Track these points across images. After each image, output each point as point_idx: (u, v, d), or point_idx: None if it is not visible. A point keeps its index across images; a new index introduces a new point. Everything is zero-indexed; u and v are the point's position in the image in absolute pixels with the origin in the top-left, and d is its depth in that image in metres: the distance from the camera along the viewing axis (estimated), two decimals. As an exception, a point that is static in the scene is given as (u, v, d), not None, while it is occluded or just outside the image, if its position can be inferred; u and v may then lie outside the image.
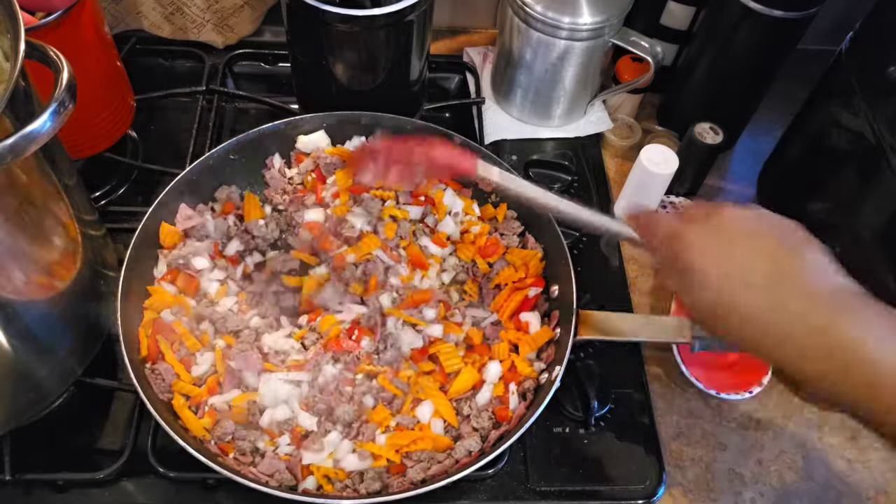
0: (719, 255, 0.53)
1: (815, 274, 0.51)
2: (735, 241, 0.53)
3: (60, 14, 0.75)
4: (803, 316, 0.49)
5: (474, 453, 0.72)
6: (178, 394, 0.73)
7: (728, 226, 0.54)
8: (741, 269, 0.52)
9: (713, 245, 0.53)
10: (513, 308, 0.82)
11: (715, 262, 0.53)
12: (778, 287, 0.50)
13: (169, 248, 0.83)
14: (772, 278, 0.51)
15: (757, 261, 0.52)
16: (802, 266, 0.51)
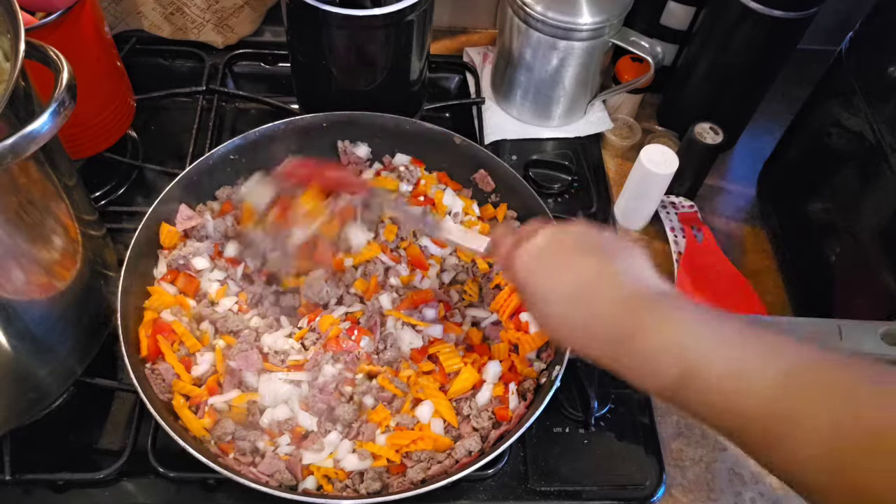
0: (542, 272, 0.58)
1: (620, 282, 0.56)
2: (548, 259, 0.59)
3: (60, 14, 0.75)
4: (610, 318, 0.54)
5: (474, 453, 0.72)
6: (177, 394, 0.73)
7: (544, 245, 0.59)
8: (553, 287, 0.57)
9: (536, 263, 0.59)
10: (513, 308, 0.82)
11: (539, 278, 0.58)
12: (587, 299, 0.55)
13: (169, 249, 0.83)
14: (581, 292, 0.56)
15: (567, 274, 0.57)
16: (609, 275, 0.56)
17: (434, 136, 0.91)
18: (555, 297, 0.57)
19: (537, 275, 0.58)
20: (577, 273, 0.57)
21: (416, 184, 0.91)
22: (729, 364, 0.49)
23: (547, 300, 0.57)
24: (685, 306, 0.53)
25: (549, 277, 0.58)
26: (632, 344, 0.53)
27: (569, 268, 0.58)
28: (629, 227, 0.98)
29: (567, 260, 0.58)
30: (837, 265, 0.83)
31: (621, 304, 0.54)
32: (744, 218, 1.01)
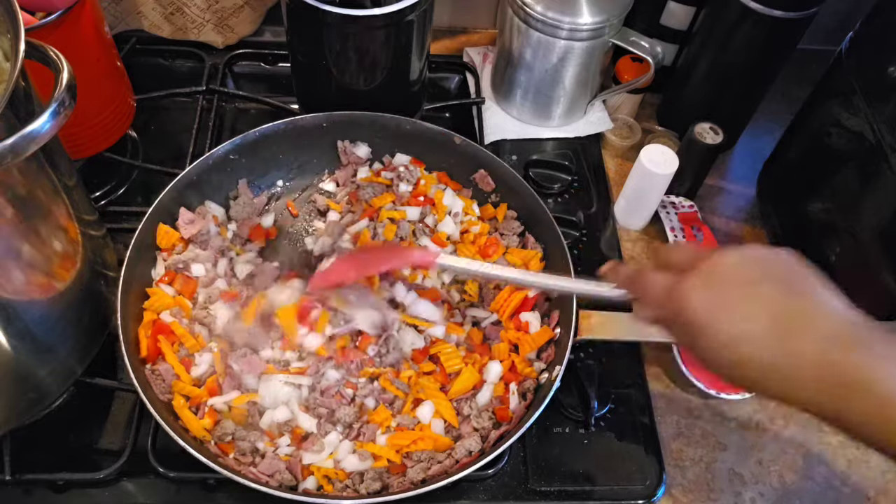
0: (721, 308, 0.50)
1: (824, 315, 0.49)
2: (735, 291, 0.50)
3: (60, 14, 0.75)
4: (817, 359, 0.47)
5: (474, 453, 0.72)
6: (178, 394, 0.73)
7: (724, 275, 0.51)
8: (746, 320, 0.49)
9: (712, 298, 0.50)
10: (513, 308, 0.82)
11: (717, 315, 0.50)
12: (787, 334, 0.48)
13: (166, 250, 0.83)
14: (779, 325, 0.48)
15: (761, 309, 0.49)
16: (810, 308, 0.49)
17: (434, 136, 0.91)
18: (750, 337, 0.48)
19: (723, 308, 0.50)
20: (770, 304, 0.49)
21: (415, 184, 0.91)
22: None
23: (737, 341, 0.49)
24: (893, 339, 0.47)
25: (736, 314, 0.49)
26: (857, 391, 0.45)
27: (757, 300, 0.49)
28: (629, 227, 0.98)
29: (751, 290, 0.50)
30: (837, 265, 0.83)
31: (830, 342, 0.47)
32: (744, 218, 1.01)
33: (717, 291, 0.50)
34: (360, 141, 0.94)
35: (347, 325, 0.79)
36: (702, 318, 0.50)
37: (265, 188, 0.93)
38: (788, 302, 0.49)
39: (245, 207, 0.89)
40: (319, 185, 0.94)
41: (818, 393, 0.47)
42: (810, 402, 0.48)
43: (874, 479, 0.80)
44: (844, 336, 0.47)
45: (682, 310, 0.51)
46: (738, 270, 0.51)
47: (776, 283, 0.50)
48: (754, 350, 0.49)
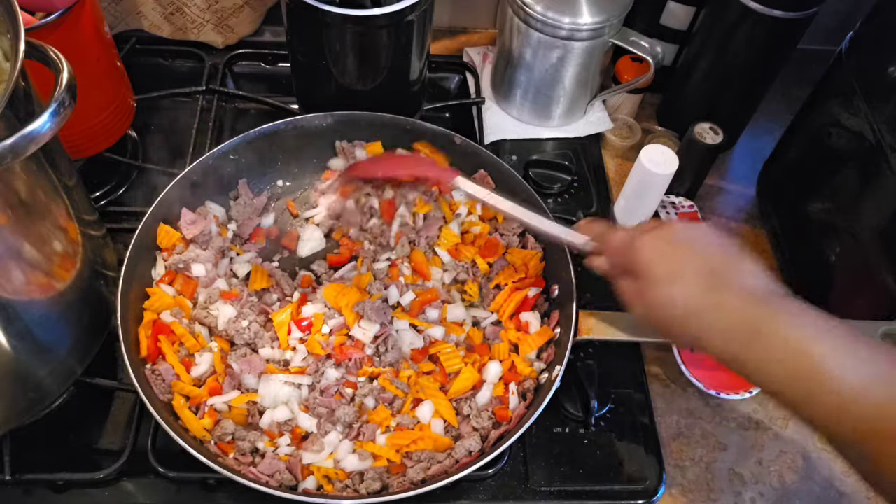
0: (666, 256, 0.59)
1: (750, 278, 0.57)
2: (680, 246, 0.60)
3: (60, 14, 0.75)
4: (740, 312, 0.55)
5: (474, 453, 0.72)
6: (178, 394, 0.73)
7: (675, 233, 0.61)
8: (685, 269, 0.58)
9: (661, 248, 0.60)
10: (513, 308, 0.82)
11: (662, 262, 0.59)
12: (718, 286, 0.57)
13: (167, 250, 0.83)
14: (712, 278, 0.57)
15: (699, 262, 0.58)
16: (739, 270, 0.58)
17: (434, 136, 0.91)
18: (686, 276, 0.58)
19: (668, 256, 0.59)
20: (706, 261, 0.58)
21: None
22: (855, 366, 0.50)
23: (674, 278, 0.58)
24: (807, 307, 0.55)
25: (680, 259, 0.59)
26: (759, 340, 0.54)
27: (701, 254, 0.59)
28: (629, 227, 0.98)
29: (699, 247, 0.60)
30: (837, 265, 0.83)
31: (752, 298, 0.55)
32: (744, 218, 1.01)
33: (665, 244, 0.60)
34: (360, 141, 0.94)
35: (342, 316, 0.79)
36: (648, 261, 0.60)
37: (265, 188, 0.93)
38: (720, 261, 0.58)
39: (245, 207, 0.89)
40: (316, 183, 0.94)
41: (729, 338, 0.55)
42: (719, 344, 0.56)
43: (874, 479, 0.80)
44: (762, 295, 0.56)
45: (635, 256, 0.61)
46: (685, 233, 0.62)
47: (714, 247, 0.60)
48: (683, 290, 0.58)
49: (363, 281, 0.83)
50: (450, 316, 0.82)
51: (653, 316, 0.60)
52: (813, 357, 0.51)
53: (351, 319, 0.79)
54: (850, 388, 0.49)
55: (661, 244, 0.60)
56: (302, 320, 0.79)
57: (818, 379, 0.51)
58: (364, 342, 0.78)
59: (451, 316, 0.82)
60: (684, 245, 0.60)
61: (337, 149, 0.93)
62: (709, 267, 0.58)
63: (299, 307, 0.80)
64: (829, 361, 0.51)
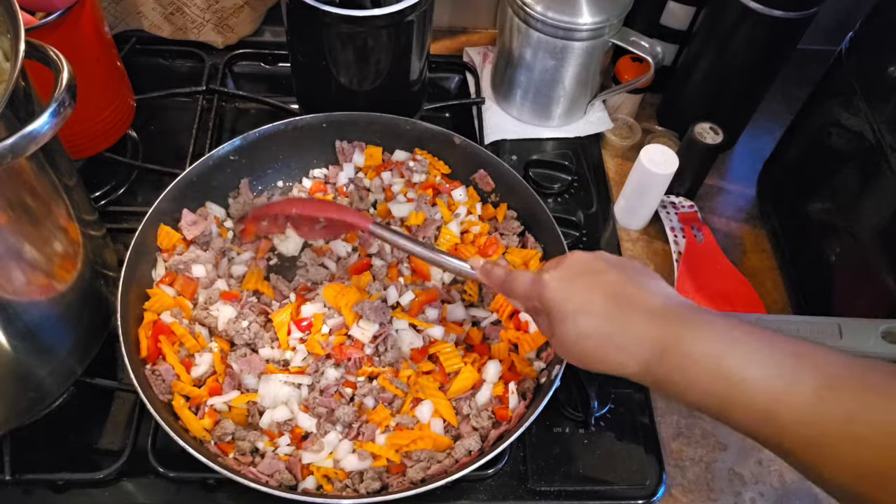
0: (570, 291, 0.60)
1: (653, 296, 0.58)
2: (581, 278, 0.60)
3: (60, 14, 0.75)
4: (647, 332, 0.56)
5: (474, 453, 0.72)
6: (178, 394, 0.73)
7: (574, 266, 0.61)
8: (589, 300, 0.58)
9: (563, 284, 0.60)
10: (512, 308, 0.82)
11: (567, 296, 0.59)
12: (623, 309, 0.57)
13: (167, 251, 0.83)
14: (616, 303, 0.57)
15: (601, 290, 0.59)
16: (642, 290, 0.58)
17: (434, 136, 0.91)
18: (590, 311, 0.58)
19: (571, 290, 0.59)
20: (608, 288, 0.58)
21: (428, 173, 0.92)
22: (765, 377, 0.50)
23: (579, 315, 0.58)
24: (715, 318, 0.55)
25: (583, 290, 0.59)
26: (668, 357, 0.54)
27: (599, 284, 0.59)
28: (629, 227, 0.98)
29: (595, 278, 0.60)
30: (837, 265, 0.83)
31: (654, 317, 0.56)
32: (744, 218, 1.01)
33: (566, 279, 0.61)
34: (360, 141, 0.94)
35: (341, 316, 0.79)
36: (556, 298, 0.60)
37: (265, 188, 0.93)
38: (623, 286, 0.59)
39: (244, 206, 0.89)
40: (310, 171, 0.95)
41: (642, 360, 0.56)
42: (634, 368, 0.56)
43: (874, 479, 0.80)
44: (665, 312, 0.56)
45: (541, 294, 0.61)
46: (587, 264, 0.62)
47: (616, 274, 0.60)
48: (592, 322, 0.58)
49: (362, 281, 0.83)
50: (449, 316, 0.82)
51: (570, 351, 0.60)
52: (722, 369, 0.51)
53: (350, 319, 0.79)
54: (766, 397, 0.49)
55: (563, 280, 0.60)
56: (301, 320, 0.79)
57: (732, 392, 0.51)
58: (363, 342, 0.78)
59: (450, 316, 0.82)
60: (585, 276, 0.60)
61: (337, 149, 0.94)
62: (612, 292, 0.58)
63: (298, 307, 0.80)
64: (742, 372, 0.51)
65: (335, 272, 0.85)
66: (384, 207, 0.90)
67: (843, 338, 0.66)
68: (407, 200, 0.90)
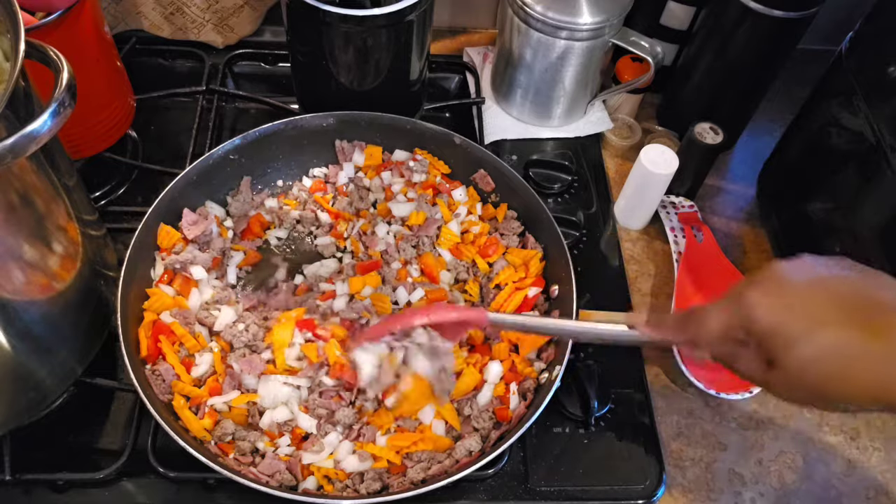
0: (790, 307, 0.46)
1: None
2: (798, 289, 0.47)
3: (60, 14, 0.75)
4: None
5: (474, 453, 0.72)
6: (178, 394, 0.73)
7: (783, 277, 0.48)
8: (821, 311, 0.45)
9: (777, 302, 0.47)
10: (513, 308, 0.82)
11: (789, 315, 0.46)
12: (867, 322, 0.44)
13: (166, 250, 0.83)
14: (860, 314, 0.45)
15: (829, 300, 0.46)
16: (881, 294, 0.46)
17: (434, 136, 0.91)
18: (830, 322, 0.45)
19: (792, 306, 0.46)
20: (843, 290, 0.46)
21: (428, 173, 0.92)
22: None
23: (815, 330, 0.45)
24: None
25: (809, 305, 0.46)
26: None
27: (827, 288, 0.46)
28: (629, 226, 0.98)
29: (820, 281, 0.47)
30: (837, 265, 0.82)
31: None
32: (744, 218, 1.01)
33: (782, 290, 0.47)
34: (360, 141, 0.94)
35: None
36: (774, 318, 0.46)
37: (265, 188, 0.93)
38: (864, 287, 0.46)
39: (244, 205, 0.89)
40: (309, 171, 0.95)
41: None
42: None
43: (874, 479, 0.80)
44: None
45: (751, 318, 0.47)
46: (795, 271, 0.49)
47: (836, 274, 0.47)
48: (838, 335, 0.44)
49: (371, 282, 0.83)
50: None
51: (804, 387, 0.46)
52: None
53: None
54: None
55: (775, 294, 0.47)
56: (308, 322, 0.79)
57: None
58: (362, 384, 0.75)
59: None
60: (804, 281, 0.47)
61: (337, 148, 0.94)
62: (851, 295, 0.46)
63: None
64: None
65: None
66: (384, 207, 0.90)
67: (843, 338, 0.66)
68: (407, 200, 0.90)
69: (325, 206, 0.91)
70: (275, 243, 0.89)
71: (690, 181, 0.96)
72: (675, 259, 0.91)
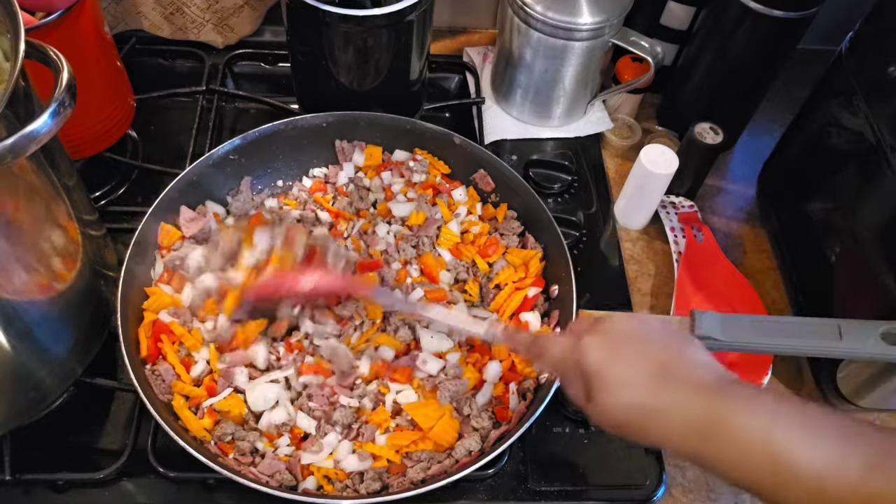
0: (612, 360, 0.57)
1: (698, 368, 0.56)
2: (624, 346, 0.58)
3: (60, 14, 0.75)
4: (693, 407, 0.54)
5: (474, 453, 0.72)
6: (178, 394, 0.73)
7: (616, 333, 0.59)
8: (634, 371, 0.56)
9: (605, 352, 0.58)
10: (513, 308, 0.82)
11: (610, 366, 0.57)
12: (668, 383, 0.55)
13: (167, 249, 0.83)
14: (661, 375, 0.56)
15: (646, 361, 0.57)
16: (687, 362, 0.57)
17: (434, 136, 0.91)
18: (635, 384, 0.56)
19: (614, 359, 0.57)
20: (652, 358, 0.57)
21: (428, 173, 0.92)
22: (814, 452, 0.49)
23: (624, 386, 0.56)
24: (760, 393, 0.54)
25: (627, 360, 0.57)
26: (716, 433, 0.52)
27: (643, 355, 0.57)
28: (629, 226, 0.98)
29: (639, 347, 0.58)
30: (837, 265, 0.82)
31: (702, 391, 0.54)
32: (744, 218, 1.01)
33: (611, 345, 0.58)
34: (360, 141, 0.94)
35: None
36: (598, 366, 0.57)
37: (265, 188, 0.93)
38: (666, 354, 0.57)
39: (244, 204, 0.89)
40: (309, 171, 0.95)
41: (687, 435, 0.54)
42: (679, 442, 0.54)
43: (874, 479, 0.80)
44: (712, 387, 0.54)
45: (581, 361, 0.58)
46: (630, 330, 0.60)
47: (657, 340, 0.59)
48: (635, 394, 0.56)
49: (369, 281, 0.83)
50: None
51: (608, 420, 0.58)
52: (773, 444, 0.50)
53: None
54: (815, 474, 0.48)
55: (605, 347, 0.58)
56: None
57: (781, 469, 0.49)
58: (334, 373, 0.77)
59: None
60: (628, 344, 0.58)
61: (337, 148, 0.94)
62: (656, 364, 0.56)
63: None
64: (791, 449, 0.49)
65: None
66: (384, 207, 0.90)
67: (842, 339, 0.66)
68: (407, 200, 0.90)
69: (325, 205, 0.91)
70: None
71: (690, 181, 0.96)
72: (675, 259, 0.91)
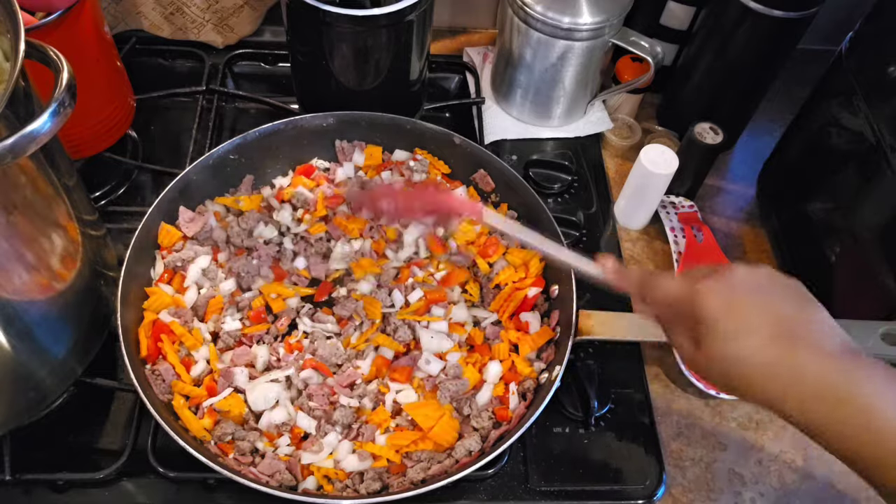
0: (733, 308, 0.54)
1: (827, 335, 0.53)
2: (748, 296, 0.55)
3: (60, 14, 0.75)
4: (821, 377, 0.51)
5: (474, 453, 0.72)
6: (178, 394, 0.73)
7: (740, 282, 0.56)
8: (756, 323, 0.53)
9: (726, 299, 0.55)
10: (513, 308, 0.82)
11: (730, 314, 0.54)
12: (793, 344, 0.52)
13: (167, 249, 0.83)
14: (786, 334, 0.52)
15: (770, 315, 0.53)
16: (814, 323, 0.53)
17: (434, 136, 0.91)
18: (759, 335, 0.52)
19: (735, 308, 0.54)
20: (777, 313, 0.53)
21: (428, 173, 0.92)
22: None
23: (745, 333, 0.53)
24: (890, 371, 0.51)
25: (749, 311, 0.54)
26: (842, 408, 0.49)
27: (771, 305, 0.54)
28: (629, 226, 0.98)
29: (768, 297, 0.55)
30: (837, 265, 0.83)
31: (832, 361, 0.51)
32: (744, 218, 1.01)
33: (729, 294, 0.55)
34: (360, 141, 0.94)
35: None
36: (717, 311, 0.54)
37: (265, 188, 0.93)
38: (792, 313, 0.53)
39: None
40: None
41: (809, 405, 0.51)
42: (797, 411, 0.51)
43: (874, 479, 0.80)
44: (842, 357, 0.51)
45: (697, 303, 0.55)
46: (750, 279, 0.56)
47: (787, 301, 0.55)
48: (755, 348, 0.52)
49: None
50: (453, 317, 0.82)
51: (717, 372, 0.55)
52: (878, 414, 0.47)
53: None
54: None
55: (726, 294, 0.54)
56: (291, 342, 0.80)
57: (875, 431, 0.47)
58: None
59: (454, 317, 0.82)
60: (752, 295, 0.55)
61: (337, 148, 0.94)
62: (781, 321, 0.53)
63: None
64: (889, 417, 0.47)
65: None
66: None
67: (843, 338, 0.66)
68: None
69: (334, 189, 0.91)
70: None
71: (690, 181, 0.96)
72: (675, 259, 0.91)
